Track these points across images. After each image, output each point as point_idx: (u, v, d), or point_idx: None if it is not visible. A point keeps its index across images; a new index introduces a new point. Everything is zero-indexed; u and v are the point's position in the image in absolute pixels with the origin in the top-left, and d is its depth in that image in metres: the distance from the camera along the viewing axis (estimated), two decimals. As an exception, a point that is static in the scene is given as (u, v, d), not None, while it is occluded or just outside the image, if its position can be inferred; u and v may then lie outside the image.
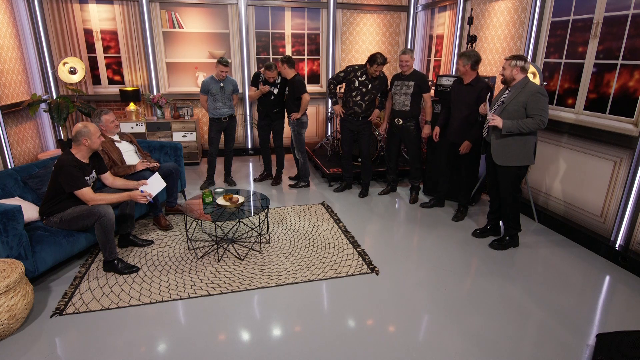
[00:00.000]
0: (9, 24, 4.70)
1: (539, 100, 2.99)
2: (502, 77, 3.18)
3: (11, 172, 3.20)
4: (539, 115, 2.99)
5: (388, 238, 3.67)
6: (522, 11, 4.19)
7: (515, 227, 3.41)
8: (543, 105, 3.00)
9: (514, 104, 3.08)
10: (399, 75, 4.24)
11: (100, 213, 2.85)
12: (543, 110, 2.99)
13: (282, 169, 5.11)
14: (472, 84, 3.66)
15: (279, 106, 4.75)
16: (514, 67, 3.07)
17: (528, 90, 3.03)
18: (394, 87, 4.26)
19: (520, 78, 3.11)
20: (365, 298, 2.75)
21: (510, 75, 3.10)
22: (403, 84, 4.18)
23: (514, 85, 3.13)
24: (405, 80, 4.16)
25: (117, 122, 3.66)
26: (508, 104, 3.11)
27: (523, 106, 3.04)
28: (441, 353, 2.25)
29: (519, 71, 3.08)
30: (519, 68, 3.07)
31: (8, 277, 2.29)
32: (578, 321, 2.54)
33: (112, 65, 5.74)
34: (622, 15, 3.22)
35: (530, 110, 3.02)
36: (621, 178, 3.24)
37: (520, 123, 3.03)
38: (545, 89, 3.08)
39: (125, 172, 3.54)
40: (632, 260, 3.09)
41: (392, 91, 4.29)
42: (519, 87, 3.09)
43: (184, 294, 2.76)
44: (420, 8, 6.18)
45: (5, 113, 4.44)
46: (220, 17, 5.90)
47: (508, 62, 3.10)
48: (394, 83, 4.26)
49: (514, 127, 3.04)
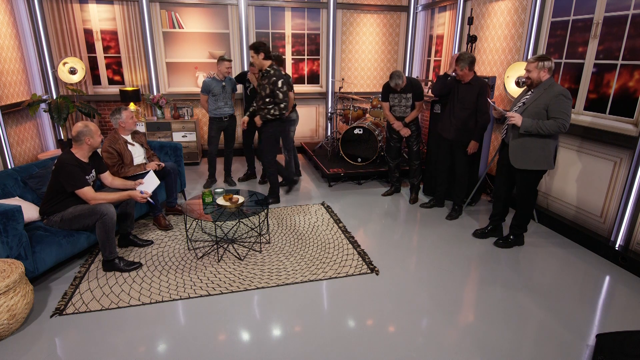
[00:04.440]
0: (9, 24, 4.70)
1: (562, 102, 2.87)
2: (528, 81, 3.05)
3: (11, 172, 3.20)
4: (561, 119, 2.87)
5: (388, 238, 3.67)
6: (522, 11, 4.20)
7: (523, 227, 3.41)
8: (566, 108, 2.87)
9: (535, 105, 2.97)
10: (392, 88, 4.19)
11: (102, 212, 2.86)
12: (565, 113, 2.87)
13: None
14: (472, 82, 3.67)
15: None
16: (541, 68, 2.95)
17: (551, 92, 2.92)
18: (392, 99, 4.28)
19: (547, 78, 2.99)
20: (365, 298, 2.75)
21: (538, 77, 2.98)
22: (401, 97, 4.22)
23: (537, 86, 3.01)
24: (403, 93, 4.20)
25: (135, 120, 3.64)
26: (530, 104, 3.01)
27: (544, 108, 2.93)
28: (441, 353, 2.25)
29: (546, 72, 2.96)
30: (547, 69, 2.95)
31: (8, 277, 2.29)
32: (578, 321, 2.54)
33: (112, 65, 5.74)
34: (622, 16, 3.22)
35: (552, 113, 2.90)
36: (621, 178, 3.24)
37: (540, 124, 2.91)
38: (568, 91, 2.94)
39: (134, 171, 3.53)
40: (632, 261, 3.09)
41: (390, 103, 4.31)
42: (542, 88, 2.97)
43: (184, 294, 2.76)
44: (420, 8, 6.18)
45: (5, 113, 4.44)
46: (220, 17, 5.90)
47: (534, 64, 2.96)
48: (390, 95, 4.27)
49: (533, 127, 2.93)
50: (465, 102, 3.71)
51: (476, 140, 3.74)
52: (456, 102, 3.79)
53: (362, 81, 6.68)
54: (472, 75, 3.66)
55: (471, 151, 3.79)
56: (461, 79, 3.69)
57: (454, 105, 3.82)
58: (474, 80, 3.66)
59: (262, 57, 3.90)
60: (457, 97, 3.77)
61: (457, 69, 3.63)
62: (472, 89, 3.66)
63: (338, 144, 5.49)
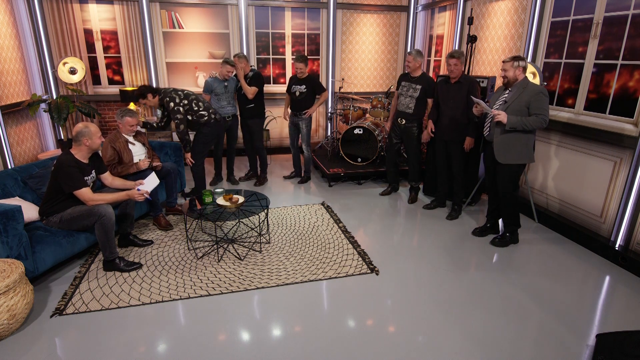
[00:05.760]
0: (9, 24, 4.70)
1: (542, 99, 3.07)
2: (505, 79, 3.22)
3: (11, 172, 3.20)
4: (542, 114, 3.07)
5: (388, 238, 3.67)
6: (522, 11, 4.19)
7: (515, 223, 3.46)
8: (546, 105, 3.08)
9: (517, 103, 3.13)
10: (407, 75, 4.22)
11: (100, 213, 2.85)
12: (546, 109, 3.08)
13: (266, 169, 5.09)
14: (461, 80, 3.73)
15: (251, 102, 4.68)
16: (516, 67, 3.14)
17: (531, 90, 3.10)
18: (401, 87, 4.25)
19: (522, 78, 3.18)
20: (365, 298, 2.75)
21: (514, 76, 3.17)
22: (410, 85, 4.17)
23: (515, 85, 3.19)
24: (413, 82, 4.15)
25: (136, 128, 3.64)
26: (511, 102, 3.16)
27: (526, 105, 3.10)
28: (441, 353, 2.25)
29: (521, 71, 3.16)
30: (522, 68, 3.15)
31: (8, 277, 2.29)
32: (578, 321, 2.54)
33: (112, 65, 5.74)
34: (622, 16, 3.22)
35: (533, 110, 3.08)
36: (621, 178, 3.24)
37: (524, 120, 3.09)
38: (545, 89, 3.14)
39: (127, 171, 3.52)
40: (632, 260, 3.09)
41: (399, 91, 4.28)
42: (521, 86, 3.15)
43: (184, 294, 2.76)
44: (420, 8, 6.18)
45: (5, 113, 4.44)
46: (220, 17, 5.90)
47: (510, 64, 3.15)
48: (401, 83, 4.26)
49: (518, 124, 3.10)
50: (456, 101, 3.77)
51: (471, 136, 3.76)
52: (447, 101, 3.83)
53: (362, 81, 6.68)
54: (461, 72, 3.74)
55: (468, 147, 3.81)
56: (455, 76, 3.72)
57: (445, 105, 3.86)
58: (463, 78, 3.73)
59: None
60: (448, 97, 3.82)
61: (453, 65, 3.67)
62: (461, 87, 3.72)
63: (338, 144, 5.49)
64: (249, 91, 4.55)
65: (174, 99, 3.90)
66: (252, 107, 4.69)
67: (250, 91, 4.55)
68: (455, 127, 3.82)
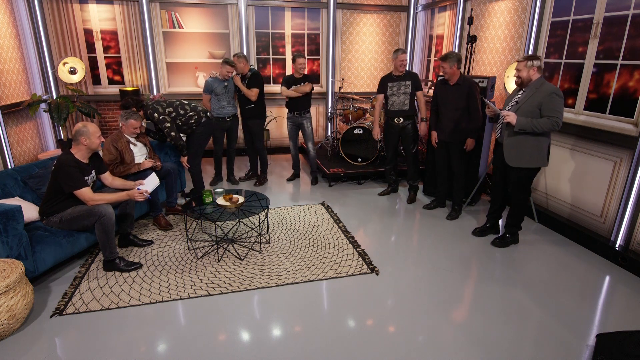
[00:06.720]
0: (9, 24, 4.70)
1: (555, 101, 2.93)
2: (518, 80, 3.10)
3: (11, 172, 3.20)
4: (554, 117, 2.93)
5: (388, 238, 3.67)
6: (522, 11, 4.19)
7: (517, 225, 3.45)
8: (558, 107, 2.94)
9: (528, 104, 3.02)
10: (391, 76, 4.22)
11: (100, 213, 2.85)
12: (559, 111, 2.94)
13: (266, 169, 5.09)
14: (459, 82, 3.71)
15: (252, 102, 4.67)
16: (530, 67, 3.00)
17: (544, 91, 2.97)
18: (390, 88, 4.24)
19: (537, 78, 3.05)
20: (365, 298, 2.75)
21: (528, 76, 3.04)
22: (400, 84, 4.18)
23: (529, 86, 3.07)
24: (402, 80, 4.17)
25: (139, 131, 3.63)
26: (523, 103, 3.06)
27: (538, 106, 2.98)
28: (441, 353, 2.25)
29: (535, 71, 3.02)
30: (536, 68, 3.01)
31: (8, 277, 2.29)
32: (578, 321, 2.54)
33: (112, 65, 5.74)
34: (622, 16, 3.22)
35: (545, 111, 2.96)
36: (621, 178, 3.24)
37: (534, 122, 2.97)
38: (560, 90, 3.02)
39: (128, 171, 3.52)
40: (632, 261, 3.09)
41: (389, 93, 4.27)
42: (534, 87, 3.03)
43: (184, 294, 2.76)
44: (420, 8, 6.18)
45: (5, 113, 4.44)
46: (220, 17, 5.90)
47: (523, 64, 3.02)
48: (388, 85, 4.25)
49: (527, 126, 2.99)
50: (455, 103, 3.76)
51: (472, 137, 3.77)
52: (447, 103, 3.82)
53: (362, 81, 6.68)
54: (458, 75, 3.71)
55: (469, 148, 3.81)
56: (449, 78, 3.71)
57: (445, 107, 3.86)
58: (462, 80, 3.71)
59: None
60: (448, 99, 3.81)
61: (446, 69, 3.66)
62: (460, 89, 3.71)
63: (338, 144, 5.49)
64: (250, 94, 4.55)
65: (157, 110, 3.87)
66: (253, 107, 4.69)
67: (252, 94, 4.55)
68: (455, 129, 3.81)
